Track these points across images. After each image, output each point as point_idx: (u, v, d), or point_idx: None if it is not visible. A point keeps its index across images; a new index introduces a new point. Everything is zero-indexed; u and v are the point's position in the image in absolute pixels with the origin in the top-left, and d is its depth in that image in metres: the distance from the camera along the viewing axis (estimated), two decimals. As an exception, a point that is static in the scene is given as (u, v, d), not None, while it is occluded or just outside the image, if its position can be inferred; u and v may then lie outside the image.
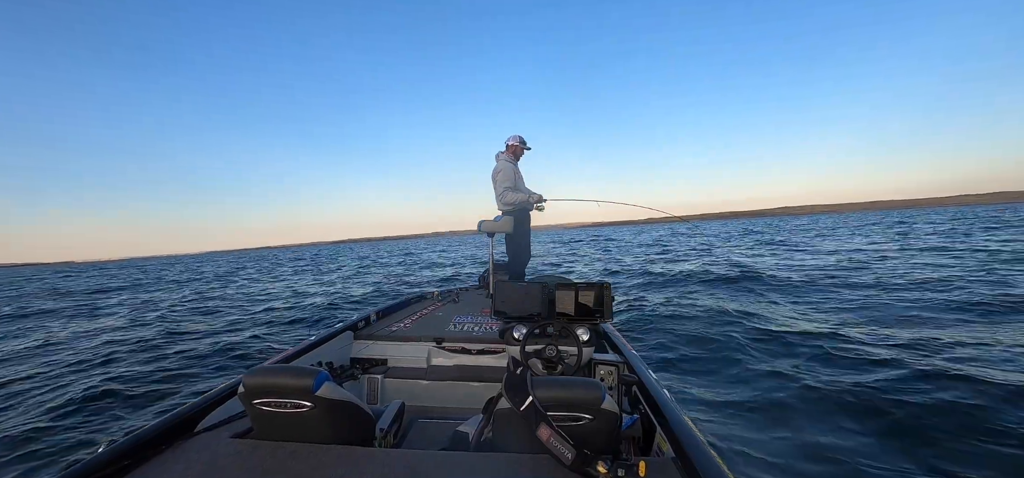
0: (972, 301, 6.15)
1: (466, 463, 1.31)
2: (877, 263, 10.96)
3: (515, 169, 4.75)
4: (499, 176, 4.68)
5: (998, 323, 5.20)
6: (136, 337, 7.23)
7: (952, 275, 8.37)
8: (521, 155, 4.88)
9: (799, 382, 3.74)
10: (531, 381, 1.30)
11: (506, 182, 4.63)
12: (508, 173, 4.65)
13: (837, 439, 2.93)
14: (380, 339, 3.08)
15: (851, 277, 8.94)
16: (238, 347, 6.25)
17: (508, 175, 4.64)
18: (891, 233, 22.57)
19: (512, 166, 4.72)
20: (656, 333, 5.66)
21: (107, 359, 5.90)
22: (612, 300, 2.56)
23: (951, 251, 12.34)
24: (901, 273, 9.05)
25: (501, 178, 4.66)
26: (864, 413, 3.22)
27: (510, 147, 4.79)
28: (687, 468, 1.28)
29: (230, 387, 1.85)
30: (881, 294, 7.15)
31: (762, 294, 7.99)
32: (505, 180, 4.63)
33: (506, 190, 4.64)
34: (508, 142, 4.81)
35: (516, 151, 4.81)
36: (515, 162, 4.81)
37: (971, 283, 7.47)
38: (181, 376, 5.05)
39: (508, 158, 4.76)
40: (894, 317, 5.78)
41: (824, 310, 6.44)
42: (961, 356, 4.05)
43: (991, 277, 7.93)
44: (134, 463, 1.34)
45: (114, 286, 20.55)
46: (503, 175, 4.65)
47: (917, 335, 4.75)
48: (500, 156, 4.80)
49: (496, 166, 4.78)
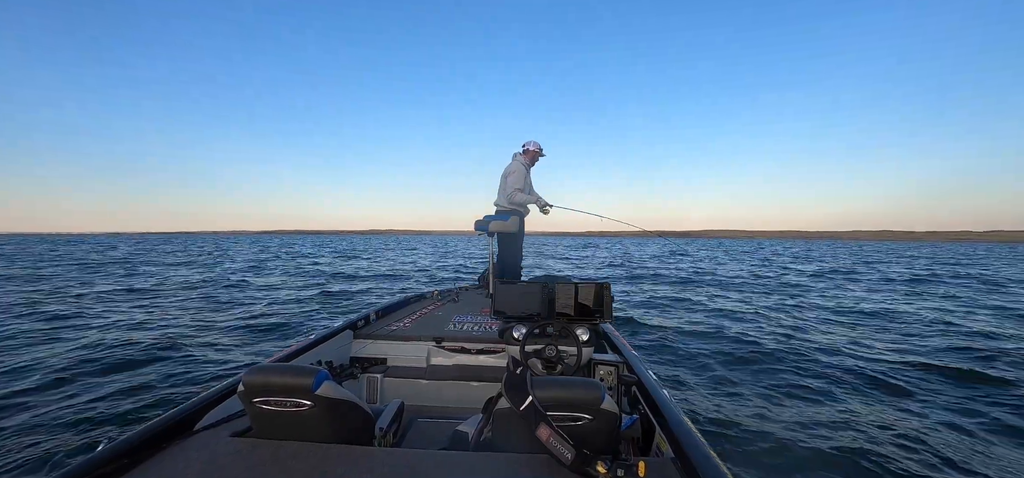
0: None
1: (466, 463, 1.31)
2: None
3: (527, 172, 4.86)
4: (511, 176, 4.77)
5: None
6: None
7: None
8: (536, 160, 4.99)
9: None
10: (531, 381, 1.30)
11: (517, 183, 4.74)
12: (521, 175, 4.76)
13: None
14: (380, 338, 3.08)
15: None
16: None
17: (520, 176, 4.75)
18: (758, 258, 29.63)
19: (525, 169, 4.84)
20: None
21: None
22: (612, 300, 2.56)
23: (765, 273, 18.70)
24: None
25: (513, 179, 4.76)
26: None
27: (528, 151, 4.88)
28: (686, 468, 1.28)
29: (229, 386, 1.85)
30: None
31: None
32: (517, 181, 4.74)
33: (516, 190, 4.73)
34: (527, 146, 4.90)
35: (533, 156, 4.91)
36: (529, 166, 4.91)
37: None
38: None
39: (524, 161, 4.87)
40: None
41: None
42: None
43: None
44: (133, 462, 1.34)
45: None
46: (515, 176, 4.74)
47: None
48: (516, 156, 4.90)
49: (510, 165, 4.87)
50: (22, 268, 16.36)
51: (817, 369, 4.65)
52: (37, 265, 17.90)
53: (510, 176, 4.79)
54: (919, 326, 7.02)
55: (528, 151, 4.89)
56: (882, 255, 40.04)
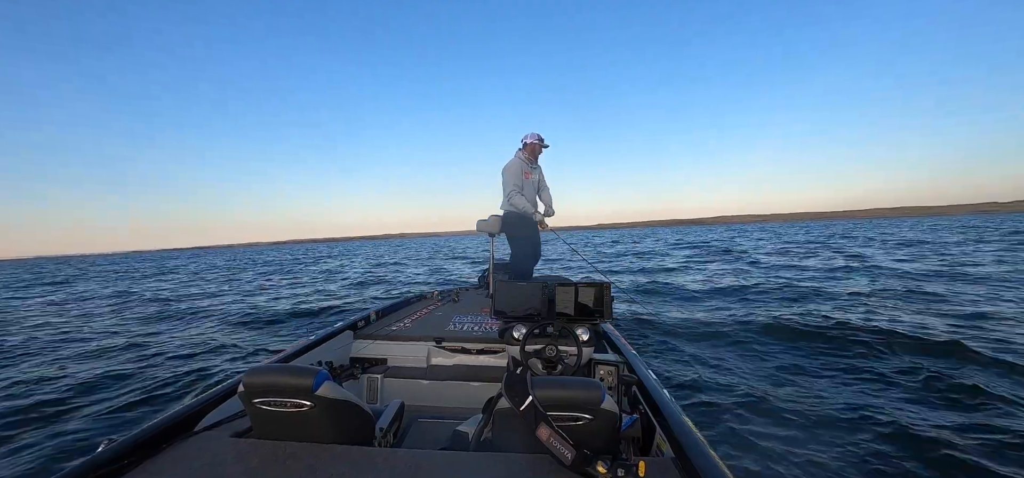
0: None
1: (466, 463, 1.31)
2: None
3: (526, 168, 4.42)
4: (506, 174, 4.41)
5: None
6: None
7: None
8: (539, 154, 4.54)
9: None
10: (531, 381, 1.30)
11: (514, 180, 4.34)
12: (515, 173, 4.34)
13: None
14: (380, 339, 3.08)
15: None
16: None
17: (516, 175, 4.34)
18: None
19: (522, 166, 4.37)
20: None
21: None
22: (612, 300, 2.56)
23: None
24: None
25: (507, 177, 4.40)
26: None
27: (527, 145, 4.44)
28: (687, 468, 1.28)
29: (230, 386, 1.85)
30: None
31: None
32: (513, 179, 4.34)
33: (513, 191, 4.33)
34: (525, 140, 4.46)
35: (533, 150, 4.47)
36: (530, 162, 4.47)
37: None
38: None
39: (523, 156, 4.42)
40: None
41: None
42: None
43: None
44: (134, 462, 1.34)
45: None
46: (510, 174, 4.37)
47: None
48: (517, 153, 4.49)
49: (508, 162, 4.46)
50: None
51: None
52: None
53: (506, 173, 4.40)
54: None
55: (527, 145, 4.44)
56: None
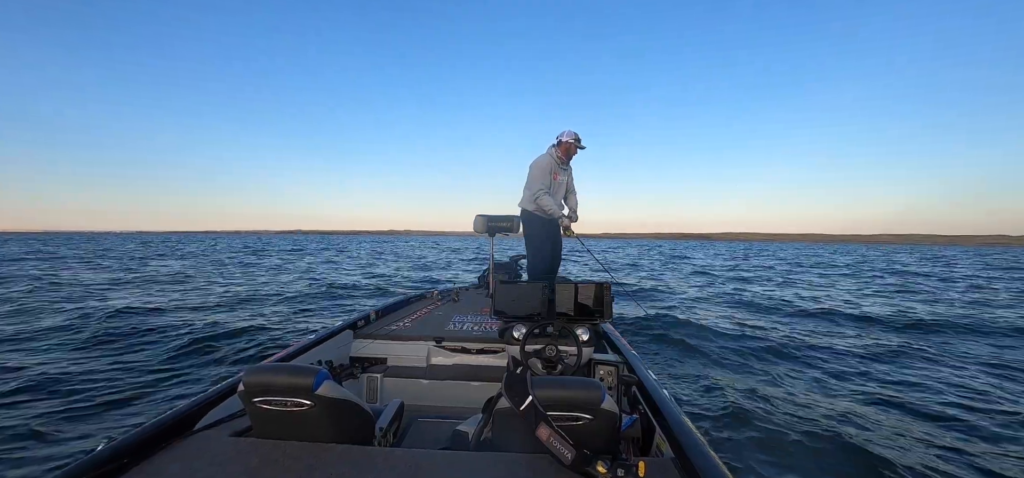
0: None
1: (466, 463, 1.31)
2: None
3: (555, 169, 4.14)
4: (534, 169, 4.14)
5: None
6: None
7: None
8: (573, 155, 4.23)
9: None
10: (531, 381, 1.30)
11: (542, 179, 4.06)
12: (545, 171, 4.07)
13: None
14: (380, 338, 3.08)
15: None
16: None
17: (545, 173, 4.07)
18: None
19: (552, 164, 4.10)
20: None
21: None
22: (612, 300, 2.56)
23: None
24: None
25: (535, 173, 4.12)
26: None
27: (562, 143, 4.13)
28: (686, 468, 1.28)
29: (229, 385, 1.85)
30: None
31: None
32: (541, 177, 4.07)
33: (540, 191, 4.05)
34: (561, 137, 4.13)
35: (568, 149, 4.15)
36: (562, 162, 4.18)
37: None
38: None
39: (556, 155, 4.14)
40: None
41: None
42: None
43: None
44: (133, 461, 1.34)
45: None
46: (539, 171, 4.09)
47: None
48: (550, 149, 4.19)
49: (538, 159, 4.17)
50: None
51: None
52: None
53: (534, 169, 4.11)
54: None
55: (562, 143, 4.10)
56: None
